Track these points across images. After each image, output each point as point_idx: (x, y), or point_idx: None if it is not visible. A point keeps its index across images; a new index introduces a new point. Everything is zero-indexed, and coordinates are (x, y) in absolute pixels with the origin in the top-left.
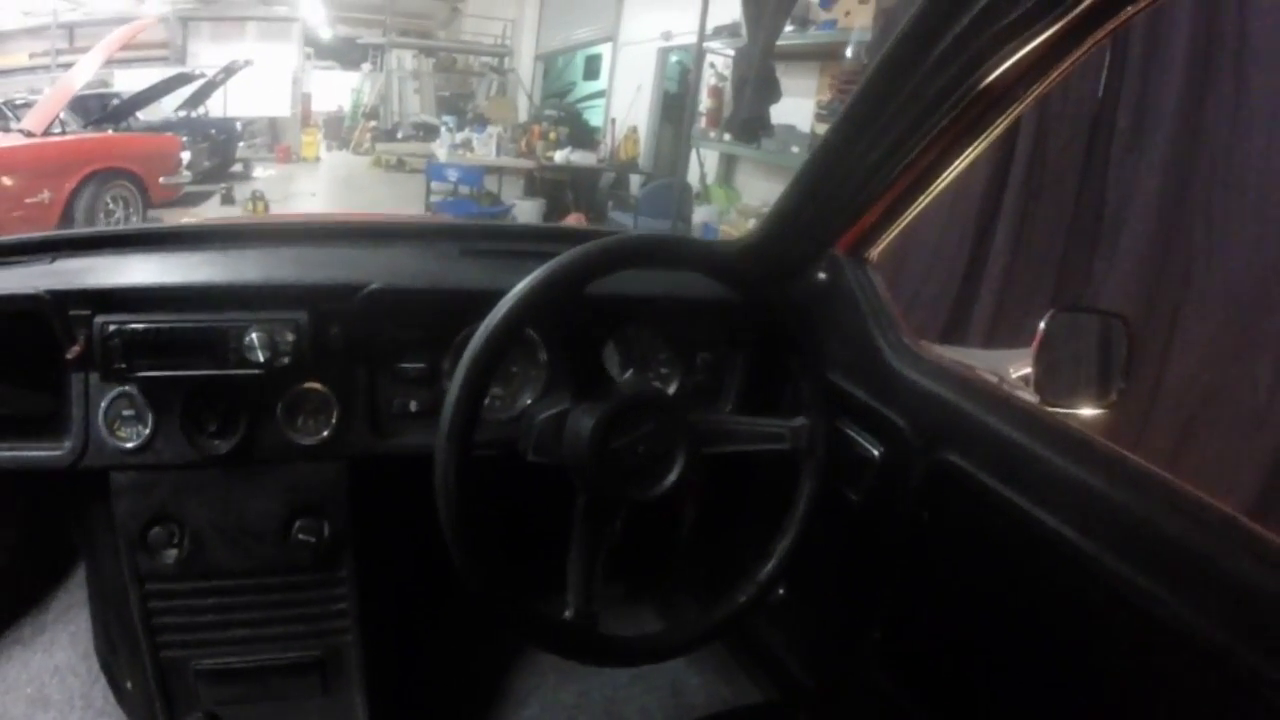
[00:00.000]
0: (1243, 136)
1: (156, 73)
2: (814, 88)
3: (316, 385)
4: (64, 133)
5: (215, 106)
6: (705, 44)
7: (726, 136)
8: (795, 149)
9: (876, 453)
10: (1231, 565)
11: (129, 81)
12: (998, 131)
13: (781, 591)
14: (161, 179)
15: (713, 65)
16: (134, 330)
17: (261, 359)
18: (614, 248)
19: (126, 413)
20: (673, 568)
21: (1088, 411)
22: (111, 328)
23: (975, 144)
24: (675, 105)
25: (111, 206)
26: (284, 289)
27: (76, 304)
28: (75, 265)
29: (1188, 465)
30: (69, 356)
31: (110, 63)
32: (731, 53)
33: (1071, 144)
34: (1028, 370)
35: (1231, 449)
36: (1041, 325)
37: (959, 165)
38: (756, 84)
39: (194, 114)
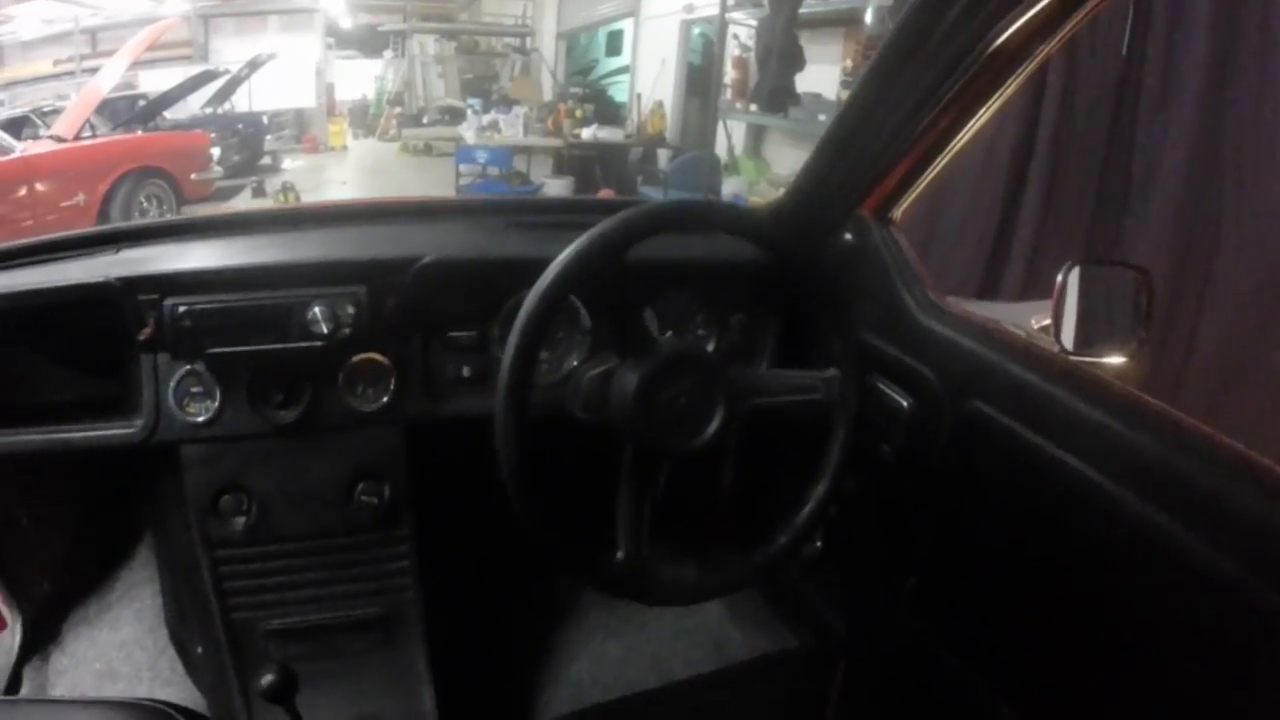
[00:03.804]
0: (1271, 91)
1: (181, 71)
2: (839, 54)
3: (375, 355)
4: (94, 136)
5: (241, 101)
6: (728, 15)
7: (753, 107)
8: (822, 117)
9: (906, 404)
10: (1243, 501)
11: (154, 82)
12: (1010, 91)
13: (819, 544)
14: (193, 175)
15: (736, 36)
16: (203, 310)
17: (325, 331)
18: (654, 213)
19: (195, 389)
20: (714, 528)
21: (1113, 360)
22: (182, 309)
23: (990, 103)
24: (700, 78)
25: (146, 205)
26: (343, 265)
27: (146, 289)
28: (140, 254)
29: (1223, 422)
30: (141, 338)
31: (135, 64)
32: (754, 23)
33: (1098, 105)
34: (1049, 321)
35: (1268, 404)
36: (1059, 278)
37: (975, 125)
38: (781, 53)
39: (220, 110)
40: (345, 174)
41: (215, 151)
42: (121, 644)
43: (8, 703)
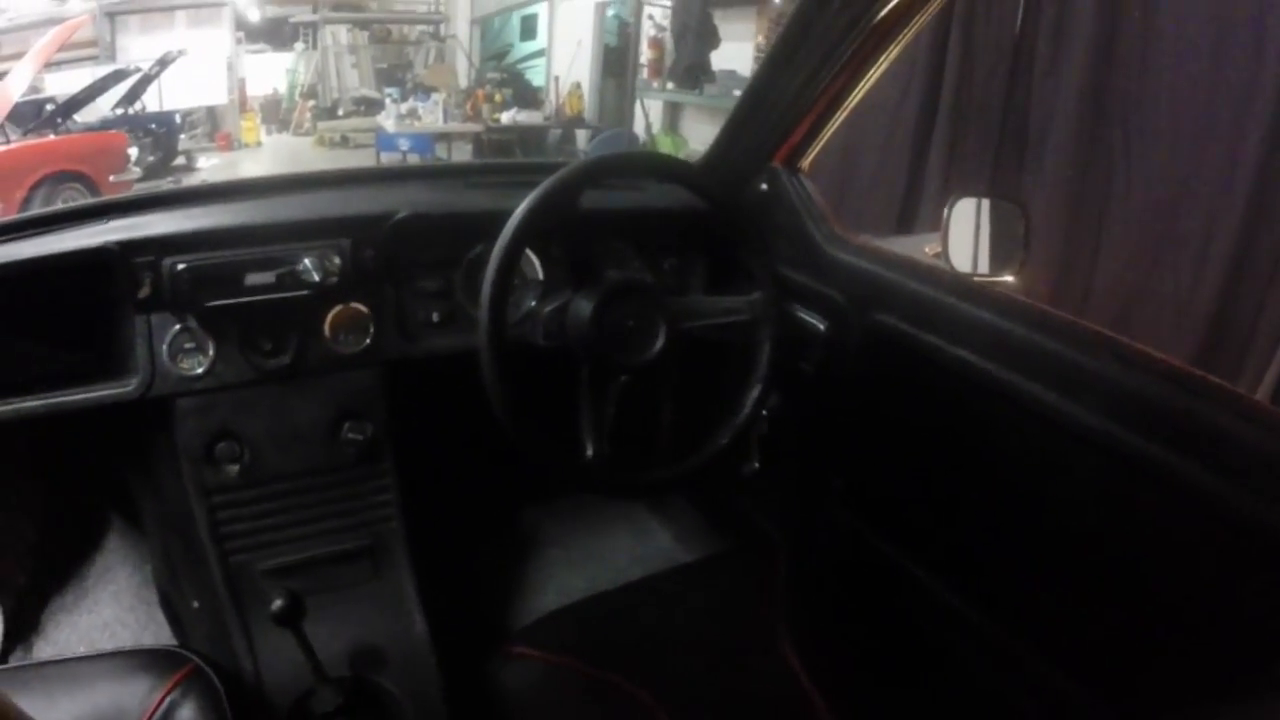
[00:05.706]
0: (1154, 54)
1: (88, 73)
2: (751, 31)
3: (355, 304)
4: (8, 142)
5: (151, 100)
6: None
7: (670, 85)
8: (737, 92)
9: (822, 326)
10: (1102, 369)
11: (62, 84)
12: (894, 55)
13: (756, 465)
14: (111, 177)
15: (651, 17)
16: (201, 266)
17: (317, 279)
18: (605, 161)
19: (188, 345)
20: (667, 437)
21: (1004, 279)
22: (181, 266)
23: (877, 66)
24: (616, 59)
25: None
26: (328, 221)
27: (142, 251)
28: (129, 223)
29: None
30: (141, 295)
31: (43, 66)
32: (668, 2)
33: (995, 72)
34: (939, 249)
35: (1160, 342)
36: (945, 210)
37: (865, 85)
38: (696, 32)
39: (132, 110)
40: (262, 170)
41: (132, 152)
42: (104, 625)
43: (30, 666)
